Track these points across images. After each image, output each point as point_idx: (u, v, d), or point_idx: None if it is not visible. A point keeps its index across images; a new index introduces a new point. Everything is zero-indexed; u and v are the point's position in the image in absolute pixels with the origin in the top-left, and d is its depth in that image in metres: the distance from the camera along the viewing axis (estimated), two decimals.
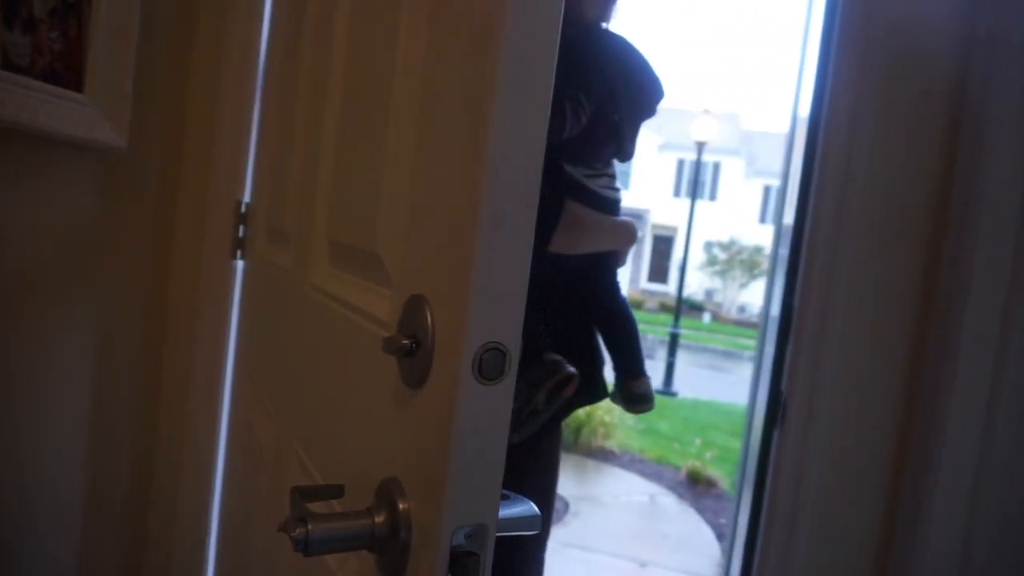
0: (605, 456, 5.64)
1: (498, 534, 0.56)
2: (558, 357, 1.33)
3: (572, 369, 1.30)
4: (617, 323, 1.53)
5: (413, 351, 0.52)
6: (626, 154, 1.48)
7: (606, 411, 5.83)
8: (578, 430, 5.63)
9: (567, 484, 4.80)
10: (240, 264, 1.38)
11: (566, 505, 4.44)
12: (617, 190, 1.49)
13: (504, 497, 0.60)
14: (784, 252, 1.50)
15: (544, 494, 1.51)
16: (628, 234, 1.49)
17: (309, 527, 0.51)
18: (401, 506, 0.53)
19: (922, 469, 1.09)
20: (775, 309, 1.57)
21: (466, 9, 0.52)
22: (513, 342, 0.49)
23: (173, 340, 1.40)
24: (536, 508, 0.60)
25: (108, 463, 1.33)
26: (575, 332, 1.47)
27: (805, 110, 1.40)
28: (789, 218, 1.48)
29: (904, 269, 1.13)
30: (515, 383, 0.48)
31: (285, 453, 0.91)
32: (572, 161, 1.40)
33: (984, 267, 1.04)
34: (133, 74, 1.20)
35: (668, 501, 4.91)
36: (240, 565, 1.17)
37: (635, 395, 1.56)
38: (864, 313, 1.15)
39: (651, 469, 5.53)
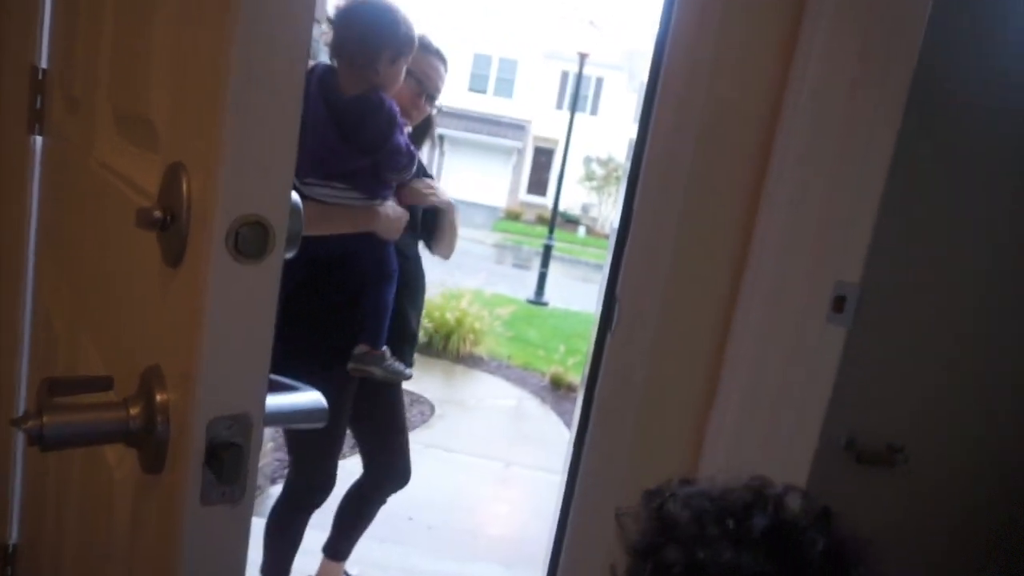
0: (473, 362, 5.75)
1: (277, 425, 0.53)
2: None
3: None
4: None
5: (167, 225, 0.47)
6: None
7: (475, 318, 5.91)
8: (447, 336, 5.68)
9: (434, 388, 4.88)
10: (39, 140, 1.21)
11: (432, 408, 4.52)
12: (342, 196, 1.54)
13: (287, 388, 0.57)
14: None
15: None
16: (361, 217, 1.55)
17: (44, 419, 0.46)
18: (159, 397, 0.48)
19: (733, 370, 1.16)
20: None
21: None
22: (278, 216, 0.44)
23: None
24: (324, 400, 0.57)
25: None
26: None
27: None
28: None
29: (732, 181, 1.17)
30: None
31: (75, 345, 0.83)
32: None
33: (806, 179, 1.09)
34: None
35: (531, 405, 5.12)
36: (43, 473, 1.09)
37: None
38: (693, 222, 1.18)
39: (517, 375, 5.72)
